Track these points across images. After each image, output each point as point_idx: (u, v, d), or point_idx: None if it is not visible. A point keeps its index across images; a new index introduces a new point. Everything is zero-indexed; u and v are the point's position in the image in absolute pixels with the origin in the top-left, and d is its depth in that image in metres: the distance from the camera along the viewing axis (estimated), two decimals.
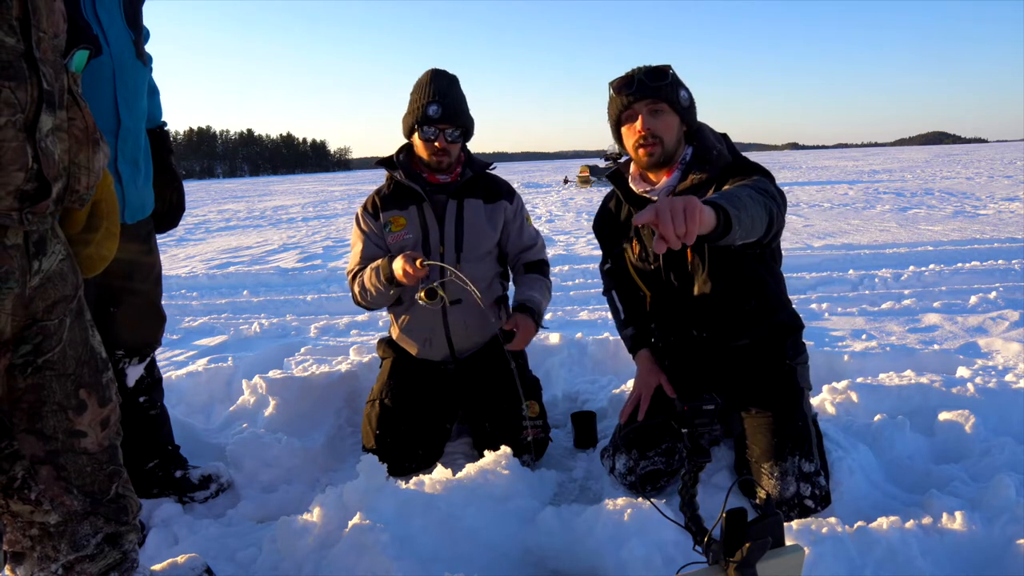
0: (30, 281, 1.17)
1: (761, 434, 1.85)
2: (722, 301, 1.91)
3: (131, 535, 1.43)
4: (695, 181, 1.86)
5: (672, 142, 1.88)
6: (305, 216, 16.29)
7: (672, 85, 1.86)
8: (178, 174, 2.10)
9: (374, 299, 2.33)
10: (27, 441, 1.26)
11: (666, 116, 1.86)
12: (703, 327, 1.98)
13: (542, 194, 21.67)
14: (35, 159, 1.08)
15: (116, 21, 1.73)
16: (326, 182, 50.35)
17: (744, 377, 1.97)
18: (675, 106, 1.86)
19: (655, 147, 1.86)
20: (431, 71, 2.34)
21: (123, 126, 1.76)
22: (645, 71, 1.85)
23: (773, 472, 1.79)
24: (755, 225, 1.48)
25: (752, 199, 1.50)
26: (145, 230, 1.97)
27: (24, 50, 1.05)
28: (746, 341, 1.97)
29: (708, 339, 1.99)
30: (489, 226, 2.38)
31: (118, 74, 1.73)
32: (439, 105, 2.25)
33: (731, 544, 1.20)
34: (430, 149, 2.31)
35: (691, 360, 2.07)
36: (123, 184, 1.79)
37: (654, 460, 1.98)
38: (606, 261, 2.27)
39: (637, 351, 2.19)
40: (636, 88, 1.84)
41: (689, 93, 1.91)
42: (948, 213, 10.59)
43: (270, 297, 6.03)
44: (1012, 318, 4.12)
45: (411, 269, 2.09)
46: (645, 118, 1.85)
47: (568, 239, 9.37)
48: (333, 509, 1.68)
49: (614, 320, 2.30)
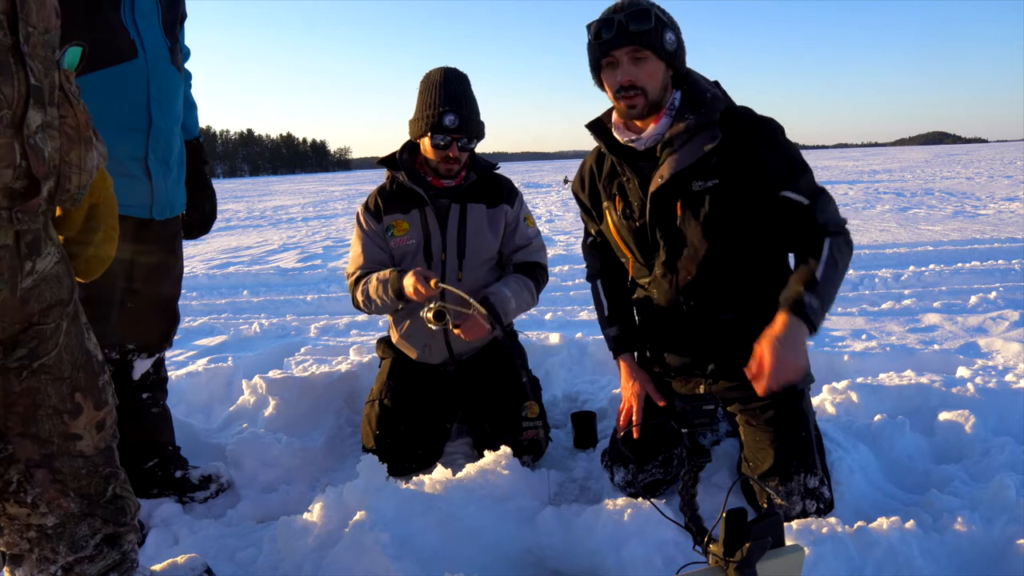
0: (22, 282, 1.16)
1: (763, 451, 1.78)
2: (713, 264, 1.76)
3: (130, 535, 1.43)
4: (689, 126, 1.70)
5: (657, 91, 1.71)
6: (305, 216, 16.28)
7: (656, 29, 1.65)
8: (211, 184, 2.20)
9: (378, 309, 2.30)
10: (22, 445, 1.25)
11: (650, 63, 1.68)
12: (690, 295, 1.82)
13: (542, 194, 21.65)
14: (23, 156, 1.06)
15: (153, 28, 1.83)
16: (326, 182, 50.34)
17: (734, 360, 1.76)
18: (660, 52, 1.67)
19: (637, 98, 1.70)
20: (442, 71, 2.27)
21: (155, 125, 1.83)
22: (627, 13, 1.64)
23: (779, 492, 1.74)
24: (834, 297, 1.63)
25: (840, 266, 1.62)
26: (172, 231, 2.03)
27: (11, 44, 1.04)
28: (735, 315, 1.81)
29: (695, 309, 1.83)
30: (491, 232, 2.35)
31: (152, 76, 1.81)
32: (456, 115, 2.18)
33: (731, 544, 1.20)
34: (441, 157, 2.26)
35: (677, 338, 1.91)
36: (152, 181, 1.86)
37: (652, 472, 1.94)
38: (588, 235, 2.15)
39: (619, 354, 2.05)
40: (616, 33, 1.65)
41: (676, 34, 1.70)
42: (948, 213, 10.58)
43: (270, 297, 6.03)
44: (1012, 318, 4.12)
45: (424, 290, 2.05)
46: (626, 67, 1.68)
47: (568, 239, 9.36)
48: (333, 509, 1.68)
49: (596, 314, 2.14)
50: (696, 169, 1.70)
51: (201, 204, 2.16)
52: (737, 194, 1.69)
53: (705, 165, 1.70)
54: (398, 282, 2.15)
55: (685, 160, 1.70)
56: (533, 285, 2.37)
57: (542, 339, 3.36)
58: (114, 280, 1.82)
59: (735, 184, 1.69)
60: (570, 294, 5.50)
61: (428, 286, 2.05)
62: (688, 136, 1.70)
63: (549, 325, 4.48)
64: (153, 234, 1.93)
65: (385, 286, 2.20)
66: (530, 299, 2.36)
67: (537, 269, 2.41)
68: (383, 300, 2.23)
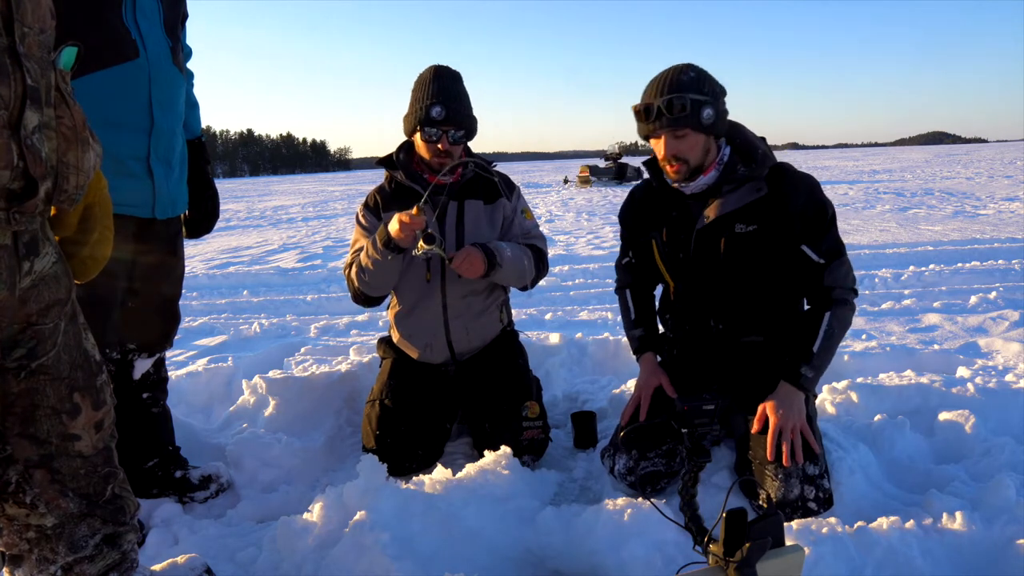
0: (20, 282, 1.16)
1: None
2: (744, 294, 1.97)
3: (129, 535, 1.43)
4: (740, 175, 1.90)
5: (698, 158, 1.90)
6: (305, 216, 16.29)
7: (693, 111, 1.81)
8: (213, 183, 2.20)
9: (372, 277, 2.24)
10: (20, 445, 1.25)
11: (689, 138, 1.87)
12: (721, 317, 2.02)
13: (542, 194, 21.66)
14: (20, 157, 1.06)
15: (155, 28, 1.83)
16: (326, 182, 50.35)
17: (752, 377, 1.99)
18: (698, 128, 1.85)
19: (680, 165, 1.90)
20: (433, 68, 2.29)
21: (156, 125, 1.83)
22: (665, 100, 1.81)
23: (777, 474, 1.78)
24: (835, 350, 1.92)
25: (837, 334, 1.88)
26: (173, 230, 2.03)
27: (7, 45, 1.04)
28: (760, 338, 2.01)
29: (724, 331, 2.03)
30: (489, 227, 2.35)
31: (153, 76, 1.81)
32: (443, 106, 2.20)
33: (731, 544, 1.20)
34: (432, 150, 2.27)
35: (701, 353, 2.09)
36: (154, 181, 1.86)
37: (654, 461, 1.97)
38: (624, 255, 2.28)
39: (642, 353, 2.18)
40: (656, 119, 1.85)
41: (715, 107, 1.85)
42: (948, 213, 10.58)
43: (270, 297, 6.03)
44: (1012, 318, 4.12)
45: (407, 219, 2.04)
46: (669, 142, 1.88)
47: (568, 239, 9.36)
48: (333, 509, 1.68)
49: (622, 319, 2.30)
50: (740, 214, 1.92)
51: (203, 204, 2.15)
52: (772, 240, 1.92)
53: (748, 211, 1.92)
54: (384, 231, 2.14)
55: (731, 205, 1.92)
56: (531, 254, 2.35)
57: (542, 339, 3.36)
58: (115, 280, 1.82)
59: (771, 231, 1.91)
60: (570, 294, 5.50)
61: (411, 215, 2.04)
62: (737, 185, 1.92)
63: (549, 325, 4.49)
64: (154, 234, 1.93)
65: (374, 242, 2.18)
66: (527, 263, 2.31)
67: (535, 249, 2.40)
68: (375, 260, 2.19)
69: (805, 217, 1.89)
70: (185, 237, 2.13)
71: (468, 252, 2.14)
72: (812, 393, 1.93)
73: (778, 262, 1.94)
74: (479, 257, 2.14)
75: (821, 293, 1.92)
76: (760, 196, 1.90)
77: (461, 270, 2.14)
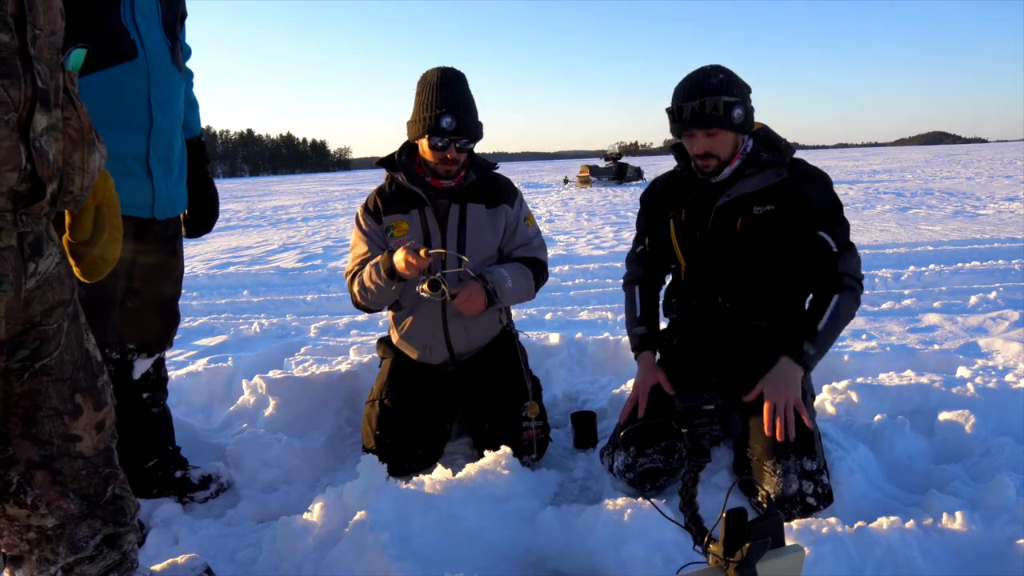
0: (26, 284, 1.16)
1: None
2: (754, 274, 2.02)
3: (130, 535, 1.43)
4: (764, 160, 2.00)
5: (727, 154, 2.00)
6: (305, 216, 16.29)
7: (726, 112, 1.91)
8: (213, 183, 2.19)
9: (374, 297, 2.27)
10: (22, 446, 1.26)
11: (721, 136, 1.96)
12: (729, 295, 2.06)
13: (542, 194, 21.66)
14: (29, 159, 1.06)
15: (154, 28, 1.83)
16: (326, 182, 50.35)
17: (750, 367, 1.98)
18: (729, 127, 1.94)
19: (711, 161, 2.00)
20: (439, 72, 2.25)
21: (155, 125, 1.83)
22: (698, 103, 1.90)
23: (776, 470, 1.79)
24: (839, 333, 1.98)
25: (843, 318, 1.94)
26: (172, 230, 2.03)
27: (19, 47, 1.04)
28: (763, 323, 2.05)
29: (730, 309, 2.06)
30: (491, 232, 2.35)
31: (152, 76, 1.81)
32: (453, 117, 2.17)
33: (731, 544, 1.20)
34: (439, 158, 2.25)
35: (704, 335, 2.12)
36: (154, 181, 1.86)
37: (653, 458, 1.98)
38: (639, 244, 2.31)
39: (641, 351, 2.19)
40: (690, 121, 1.94)
41: (744, 106, 1.95)
42: (948, 213, 10.59)
43: (270, 297, 6.03)
44: (1012, 318, 4.12)
45: (414, 260, 2.04)
46: (701, 140, 1.98)
47: (568, 239, 9.36)
48: (333, 509, 1.68)
49: (626, 316, 2.31)
50: (759, 195, 2.01)
51: (203, 203, 2.15)
52: (787, 223, 1.98)
53: (767, 193, 2.00)
54: (388, 261, 2.14)
55: (752, 187, 2.01)
56: (531, 274, 2.36)
57: (542, 339, 3.36)
58: (115, 280, 1.82)
59: (787, 214, 1.98)
60: (570, 294, 5.50)
61: (418, 256, 2.04)
62: (760, 168, 2.01)
63: (549, 325, 4.49)
64: (154, 234, 1.93)
65: (377, 269, 2.19)
66: (527, 285, 2.34)
67: (536, 263, 2.40)
68: (377, 284, 2.20)
69: (822, 205, 1.98)
70: (185, 237, 2.13)
71: (470, 292, 2.16)
72: (809, 369, 1.97)
73: (792, 246, 1.99)
74: (481, 298, 2.18)
75: (833, 278, 1.96)
76: (780, 180, 1.99)
77: (462, 308, 2.18)
